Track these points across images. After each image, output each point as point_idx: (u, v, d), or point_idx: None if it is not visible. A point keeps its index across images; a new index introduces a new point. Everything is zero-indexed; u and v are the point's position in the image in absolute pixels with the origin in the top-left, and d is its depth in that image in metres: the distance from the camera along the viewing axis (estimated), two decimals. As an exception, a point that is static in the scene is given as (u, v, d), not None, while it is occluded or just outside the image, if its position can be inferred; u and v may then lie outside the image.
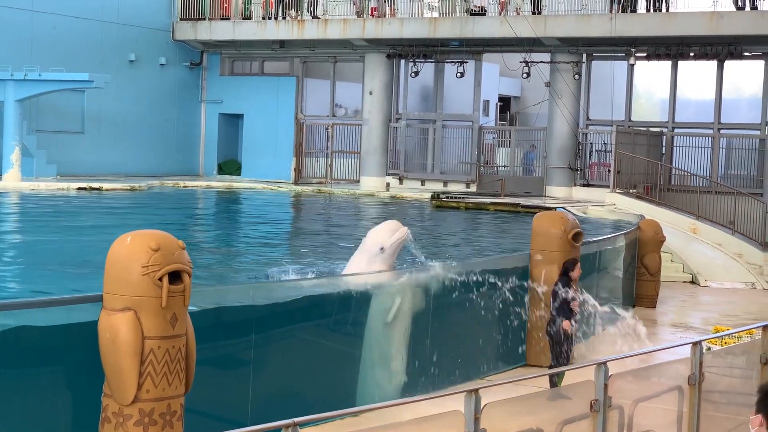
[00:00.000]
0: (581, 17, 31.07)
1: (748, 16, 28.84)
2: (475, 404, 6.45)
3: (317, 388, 11.09)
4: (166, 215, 26.61)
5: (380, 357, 11.79)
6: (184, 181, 35.59)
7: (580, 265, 12.67)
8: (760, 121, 30.39)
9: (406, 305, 12.05)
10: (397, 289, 12.15)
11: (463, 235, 24.99)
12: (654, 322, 19.41)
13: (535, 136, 34.52)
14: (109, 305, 7.90)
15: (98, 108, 35.31)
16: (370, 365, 11.69)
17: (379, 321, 11.85)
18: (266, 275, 15.45)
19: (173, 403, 7.97)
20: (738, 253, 25.21)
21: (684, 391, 8.79)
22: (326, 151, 37.22)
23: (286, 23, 36.07)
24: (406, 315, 12.04)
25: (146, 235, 8.00)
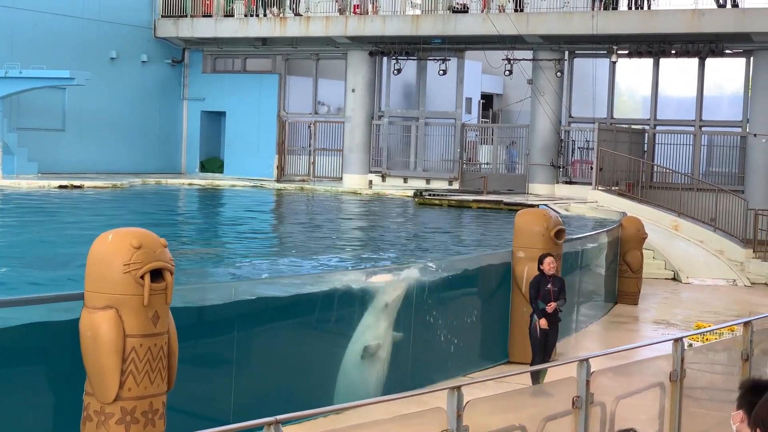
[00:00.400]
0: (563, 15, 31.12)
1: (729, 13, 28.94)
2: (458, 401, 6.45)
3: (300, 386, 11.09)
4: (148, 213, 26.53)
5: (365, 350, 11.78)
6: (166, 178, 35.49)
7: (551, 259, 12.65)
8: (741, 119, 30.50)
9: (394, 300, 12.04)
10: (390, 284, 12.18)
11: (445, 233, 25.01)
12: (636, 319, 19.48)
13: (518, 133, 34.55)
14: (91, 303, 7.87)
15: (79, 105, 35.15)
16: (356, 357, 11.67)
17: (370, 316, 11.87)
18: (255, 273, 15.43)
19: (155, 401, 7.95)
20: (719, 250, 25.31)
21: (666, 387, 8.82)
22: (309, 149, 37.18)
23: (269, 20, 36.00)
24: (393, 310, 12.02)
25: (128, 233, 7.97)
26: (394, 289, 12.00)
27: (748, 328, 9.84)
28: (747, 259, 25.06)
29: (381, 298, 11.85)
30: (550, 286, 12.50)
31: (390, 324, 11.99)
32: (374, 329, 11.75)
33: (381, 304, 11.83)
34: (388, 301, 11.85)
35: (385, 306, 11.81)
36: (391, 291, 11.95)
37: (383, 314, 11.83)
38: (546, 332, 12.53)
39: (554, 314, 12.55)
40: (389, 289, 11.95)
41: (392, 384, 11.84)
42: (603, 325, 18.73)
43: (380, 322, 11.81)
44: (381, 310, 11.81)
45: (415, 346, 12.79)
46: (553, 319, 12.57)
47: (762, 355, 10.59)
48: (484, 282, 14.83)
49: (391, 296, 11.91)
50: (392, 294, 11.93)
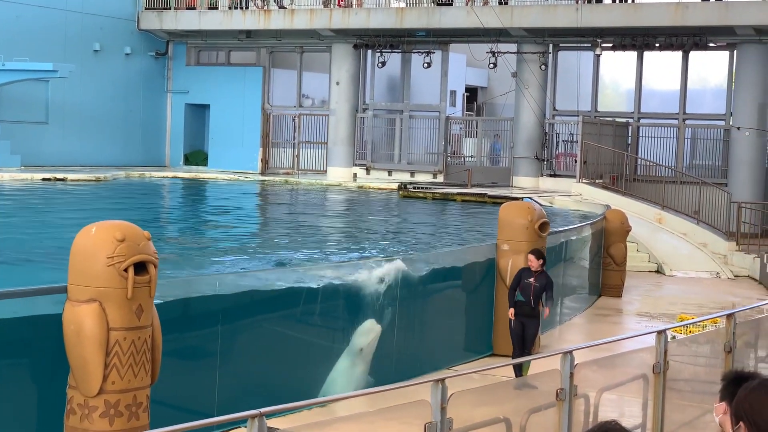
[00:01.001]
0: (547, 8, 31.15)
1: (712, 6, 29.01)
2: (442, 394, 6.46)
3: (285, 379, 11.08)
4: (132, 206, 26.45)
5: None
6: (150, 171, 35.39)
7: (532, 257, 12.63)
8: (725, 112, 30.57)
9: (369, 344, 11.82)
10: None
11: (430, 226, 25.02)
12: (619, 312, 19.54)
13: (502, 126, 34.57)
14: (74, 296, 7.85)
15: (62, 98, 35.01)
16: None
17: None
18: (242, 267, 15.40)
19: (139, 394, 7.94)
20: (703, 242, 25.40)
21: (649, 379, 8.85)
22: (293, 142, 37.12)
23: (253, 13, 35.92)
24: (368, 354, 11.83)
25: (111, 226, 7.95)
26: (368, 333, 11.67)
27: (731, 321, 9.88)
28: (730, 252, 25.16)
29: (356, 342, 11.57)
30: (532, 281, 12.52)
31: (365, 369, 11.68)
32: (347, 376, 11.48)
33: (356, 348, 11.57)
34: (362, 345, 11.56)
35: (360, 351, 11.55)
36: (365, 335, 11.63)
37: (358, 359, 11.54)
38: (523, 324, 12.55)
39: (532, 308, 12.57)
40: (363, 333, 11.64)
41: (376, 377, 11.85)
42: (587, 317, 18.78)
43: (355, 367, 11.54)
44: (356, 355, 11.53)
45: (399, 339, 12.80)
46: (531, 313, 12.59)
47: (745, 347, 10.64)
48: (468, 275, 14.85)
49: (366, 340, 11.59)
50: (366, 338, 11.61)
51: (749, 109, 29.13)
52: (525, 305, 12.53)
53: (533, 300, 12.54)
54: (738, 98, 29.53)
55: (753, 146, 29.06)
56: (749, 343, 10.95)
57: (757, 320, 12.00)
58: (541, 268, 12.61)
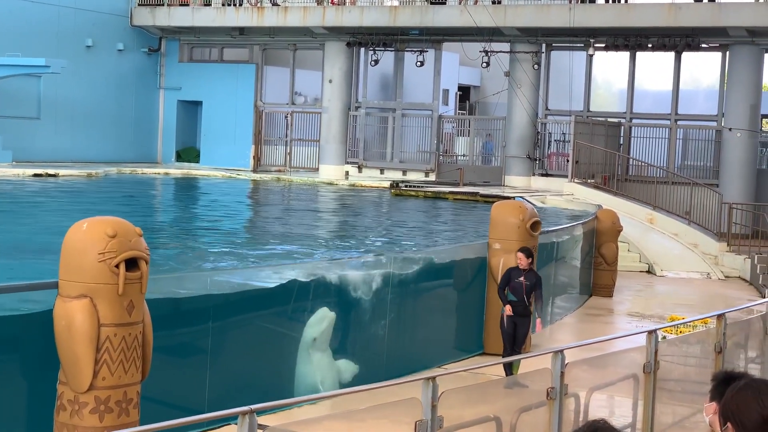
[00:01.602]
0: (540, 7, 31.17)
1: (705, 7, 29.05)
2: (433, 392, 6.46)
3: (276, 376, 11.08)
4: (124, 202, 26.42)
5: None
6: (142, 168, 35.34)
7: (521, 255, 12.64)
8: (717, 113, 30.62)
9: (322, 334, 11.69)
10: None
11: (421, 224, 25.03)
12: (610, 311, 19.57)
13: (494, 125, 34.59)
14: (65, 292, 7.83)
15: (55, 94, 34.93)
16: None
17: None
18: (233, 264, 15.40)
19: (129, 390, 7.93)
20: (694, 243, 25.44)
21: (639, 379, 8.86)
22: (285, 139, 37.10)
23: (246, 10, 35.89)
24: (323, 342, 11.71)
25: (103, 222, 7.93)
26: (320, 322, 11.45)
27: (721, 321, 9.90)
28: (721, 253, 25.20)
29: (308, 332, 11.38)
30: (522, 279, 12.53)
31: (325, 358, 11.50)
32: (308, 367, 11.34)
33: (308, 339, 11.36)
34: (315, 335, 11.34)
35: (313, 341, 11.32)
36: (317, 325, 11.41)
37: (313, 349, 11.35)
38: (515, 323, 12.56)
39: (524, 307, 12.58)
40: (315, 323, 11.42)
41: (367, 375, 11.85)
42: (578, 317, 18.81)
43: (312, 358, 11.37)
44: (309, 346, 11.33)
45: (390, 337, 12.81)
46: (524, 312, 12.60)
47: (735, 347, 10.67)
48: (459, 273, 14.86)
49: (318, 330, 11.37)
50: (318, 328, 11.40)
51: (741, 111, 29.18)
52: (518, 304, 12.54)
53: (526, 298, 12.55)
54: (730, 99, 29.57)
55: (744, 147, 29.11)
56: (739, 344, 10.98)
57: (747, 321, 12.02)
58: (529, 267, 12.62)
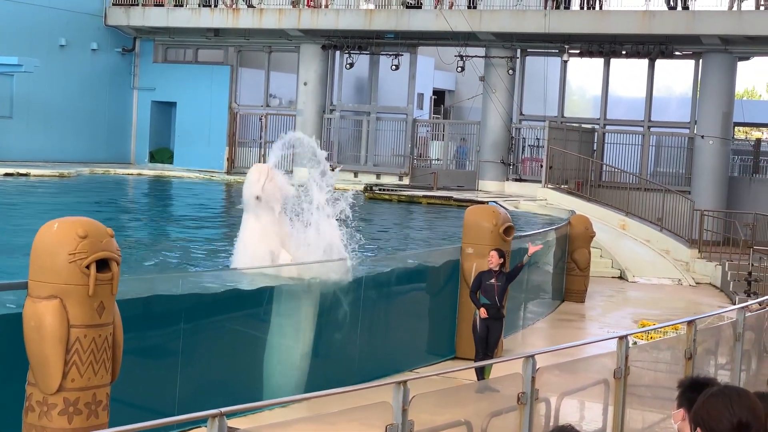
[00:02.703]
0: (516, 13, 31.26)
1: (679, 15, 29.21)
2: (404, 396, 6.46)
3: (246, 379, 11.05)
4: (95, 203, 26.28)
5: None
6: (115, 168, 35.16)
7: (494, 253, 12.69)
8: (690, 120, 30.79)
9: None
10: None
11: (395, 228, 25.03)
12: (582, 317, 19.63)
13: (469, 130, 34.64)
14: (35, 293, 7.77)
15: (27, 93, 34.71)
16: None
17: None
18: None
19: (99, 392, 7.88)
20: (665, 249, 25.58)
21: (610, 384, 8.89)
22: (260, 141, 37.03)
23: (221, 11, 35.80)
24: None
25: (74, 222, 7.88)
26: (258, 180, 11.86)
27: (691, 327, 9.95)
28: (692, 259, 25.35)
29: (248, 191, 11.92)
30: (494, 281, 12.55)
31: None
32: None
33: (251, 200, 11.89)
34: (258, 193, 11.93)
35: (257, 199, 11.87)
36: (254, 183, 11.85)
37: (259, 208, 11.75)
38: (487, 327, 12.56)
39: (497, 310, 12.59)
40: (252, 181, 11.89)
41: (338, 378, 11.83)
42: (550, 322, 18.86)
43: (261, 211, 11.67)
44: (256, 205, 11.87)
45: (362, 341, 12.80)
46: (497, 315, 12.62)
47: (705, 354, 10.72)
48: (432, 277, 14.87)
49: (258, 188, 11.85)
50: (257, 186, 11.83)
51: (713, 118, 29.35)
52: (491, 307, 12.54)
53: (498, 301, 12.57)
54: (703, 107, 29.74)
55: (716, 155, 29.28)
56: (709, 350, 11.03)
57: (717, 327, 12.09)
58: (500, 268, 12.65)
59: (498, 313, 12.60)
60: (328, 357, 12.25)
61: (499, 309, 12.60)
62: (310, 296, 11.95)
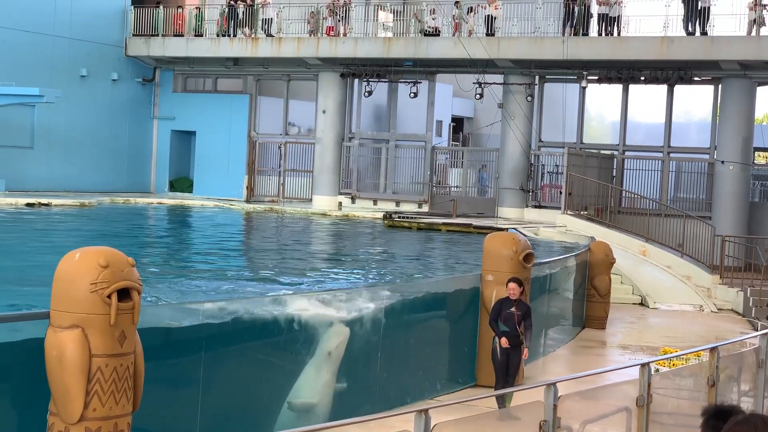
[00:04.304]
0: (534, 40, 31.31)
1: (697, 41, 29.20)
2: (425, 424, 6.43)
3: (267, 407, 11.02)
4: (116, 232, 26.37)
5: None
6: (135, 197, 35.32)
7: (514, 285, 12.67)
8: (709, 145, 30.72)
9: (338, 348, 11.53)
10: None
11: (414, 255, 25.01)
12: (603, 344, 19.53)
13: (488, 157, 34.66)
14: (57, 322, 7.79)
15: (48, 123, 34.97)
16: None
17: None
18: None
19: (120, 422, 7.88)
20: (687, 275, 25.45)
21: (632, 412, 8.83)
22: (279, 170, 37.14)
23: (240, 41, 36.01)
24: (336, 359, 11.55)
25: (95, 252, 7.91)
26: (337, 335, 11.31)
27: (714, 354, 9.88)
28: (714, 285, 25.21)
29: (323, 346, 11.21)
30: (513, 310, 12.54)
31: (332, 376, 11.32)
32: (313, 383, 11.12)
33: (323, 352, 11.21)
34: (330, 349, 11.20)
35: (328, 355, 11.18)
36: (334, 338, 11.27)
37: (325, 365, 11.18)
38: (507, 354, 12.54)
39: (516, 337, 12.57)
40: (332, 336, 11.28)
41: (359, 406, 11.80)
42: (570, 349, 18.76)
43: (321, 374, 11.16)
44: (324, 360, 11.18)
45: (382, 368, 12.76)
46: (517, 342, 12.59)
47: (728, 381, 10.64)
48: (452, 305, 14.83)
49: (334, 343, 11.22)
50: (335, 341, 11.24)
51: (733, 143, 29.27)
52: (509, 335, 12.52)
53: (517, 329, 12.55)
54: (722, 132, 29.68)
55: (737, 180, 29.18)
56: (732, 377, 10.95)
57: (740, 354, 12.00)
58: (520, 297, 12.65)
59: (517, 340, 12.59)
60: (348, 385, 12.22)
61: (518, 336, 12.59)
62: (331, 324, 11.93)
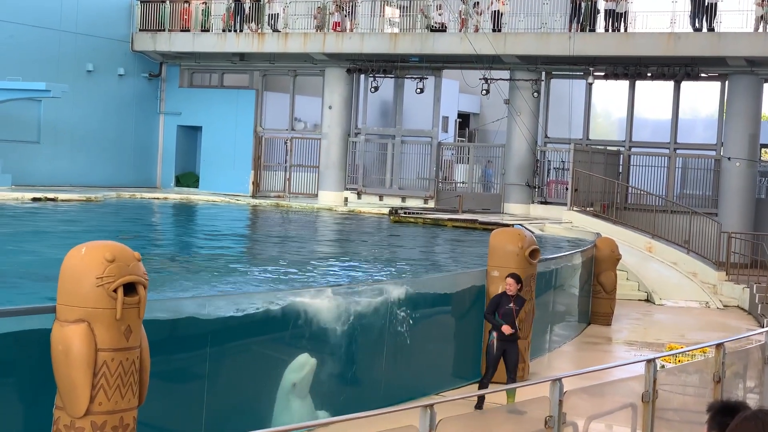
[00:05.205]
0: (540, 36, 31.27)
1: (704, 37, 29.15)
2: (431, 419, 6.44)
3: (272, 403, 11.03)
4: (122, 227, 26.40)
5: None
6: (141, 192, 35.35)
7: (511, 280, 12.72)
8: (716, 142, 30.68)
9: (303, 379, 11.37)
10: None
11: (420, 251, 25.01)
12: (609, 340, 19.52)
13: (494, 153, 34.63)
14: (63, 317, 7.81)
15: (55, 118, 35.01)
16: None
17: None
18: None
19: (126, 416, 7.89)
20: (692, 272, 25.42)
21: (638, 408, 8.84)
22: (285, 165, 37.14)
23: (246, 36, 36.01)
24: (303, 388, 11.43)
25: (101, 247, 7.92)
26: (302, 367, 11.11)
27: (720, 351, 9.88)
28: (720, 282, 25.18)
29: (288, 377, 11.01)
30: (512, 305, 12.58)
31: (303, 405, 11.06)
32: (287, 413, 10.91)
33: (288, 384, 10.98)
34: (295, 380, 10.97)
35: (293, 386, 10.97)
36: (297, 371, 11.06)
37: (292, 395, 10.98)
38: (504, 349, 12.57)
39: (514, 333, 12.63)
40: (295, 368, 11.08)
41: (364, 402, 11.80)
42: (576, 345, 18.76)
43: (291, 404, 10.97)
44: (289, 392, 10.97)
45: (388, 364, 12.78)
46: (514, 337, 12.64)
47: (733, 377, 10.64)
48: (457, 301, 14.83)
49: (299, 376, 11.02)
50: (299, 374, 11.04)
51: (740, 140, 29.24)
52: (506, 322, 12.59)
53: (516, 324, 12.62)
54: (729, 129, 29.64)
55: (743, 176, 29.14)
56: (738, 374, 10.95)
57: (745, 350, 12.00)
58: (517, 293, 12.68)
59: (515, 335, 12.66)
60: (353, 380, 12.23)
61: (516, 332, 12.67)
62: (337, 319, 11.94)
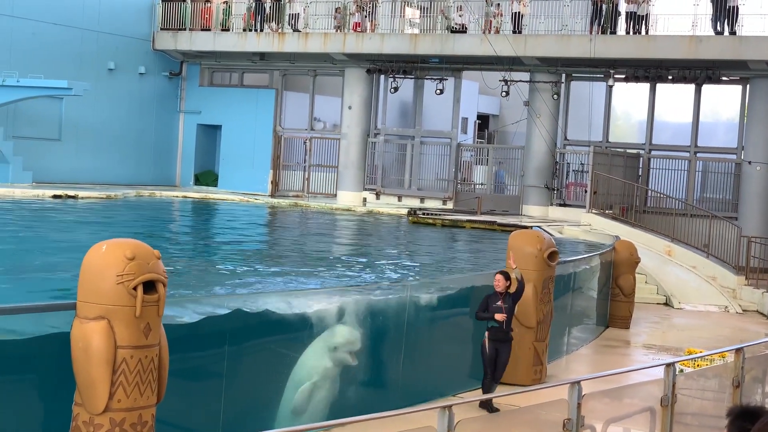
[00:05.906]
0: (561, 38, 31.22)
1: (726, 40, 29.04)
2: (449, 420, 6.44)
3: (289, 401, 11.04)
4: (142, 224, 26.49)
5: None
6: (161, 190, 35.45)
7: (499, 276, 12.64)
8: (737, 146, 30.56)
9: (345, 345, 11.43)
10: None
11: (438, 252, 25.00)
12: (627, 343, 19.46)
13: (513, 154, 34.60)
14: (83, 314, 7.84)
15: (76, 115, 35.16)
16: None
17: None
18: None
19: (144, 413, 7.92)
20: (712, 276, 25.32)
21: (656, 412, 8.81)
22: (304, 165, 37.19)
23: (267, 36, 36.07)
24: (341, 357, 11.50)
25: (121, 244, 7.95)
26: (343, 335, 11.19)
27: (739, 355, 9.84)
28: (739, 286, 25.08)
29: (330, 339, 11.11)
30: (500, 303, 12.53)
31: (334, 366, 11.16)
32: (312, 365, 11.02)
33: (328, 344, 11.07)
34: (336, 344, 11.07)
35: (333, 349, 11.04)
36: (339, 337, 11.16)
37: (328, 354, 11.05)
38: (496, 349, 12.52)
39: (505, 332, 12.56)
40: (339, 334, 11.19)
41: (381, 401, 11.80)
42: (594, 348, 18.71)
43: (322, 360, 11.04)
44: (326, 350, 11.06)
45: (405, 364, 12.77)
46: (504, 337, 12.58)
47: (753, 382, 10.59)
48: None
49: (340, 341, 11.10)
50: (341, 340, 11.13)
51: (761, 144, 29.13)
52: (498, 330, 12.53)
53: (505, 324, 12.55)
54: (750, 132, 29.52)
55: (764, 181, 29.03)
56: (757, 378, 10.90)
57: (765, 355, 11.95)
58: (506, 291, 12.60)
59: (506, 336, 12.61)
60: (371, 381, 12.23)
61: (507, 332, 12.60)
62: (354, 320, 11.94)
